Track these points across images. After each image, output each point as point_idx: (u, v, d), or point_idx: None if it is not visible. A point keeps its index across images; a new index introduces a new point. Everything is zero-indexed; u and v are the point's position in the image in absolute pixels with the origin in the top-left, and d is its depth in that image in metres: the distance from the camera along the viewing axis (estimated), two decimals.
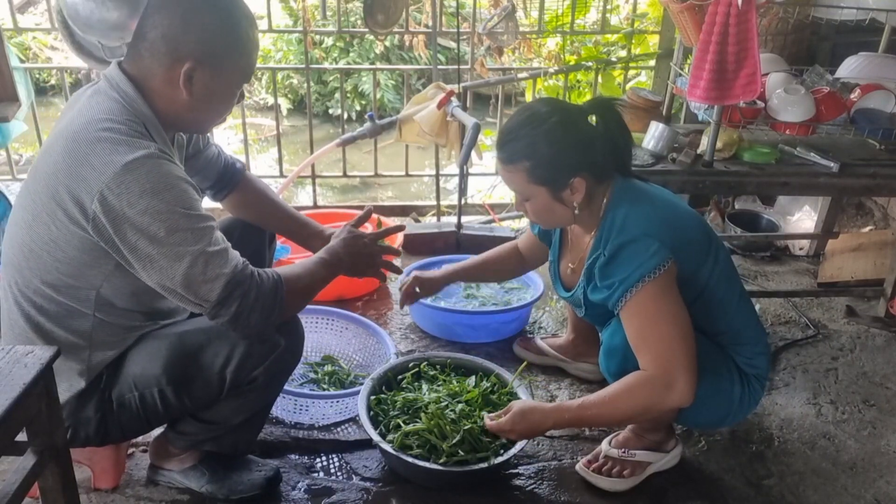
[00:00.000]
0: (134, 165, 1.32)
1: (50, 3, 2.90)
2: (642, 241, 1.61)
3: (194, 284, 1.37)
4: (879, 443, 2.08)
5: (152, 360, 1.52)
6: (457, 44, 3.46)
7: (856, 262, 2.93)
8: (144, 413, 1.55)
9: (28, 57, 6.53)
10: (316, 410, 2.01)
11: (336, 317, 2.33)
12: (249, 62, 1.49)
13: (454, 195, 3.35)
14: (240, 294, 1.40)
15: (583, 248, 1.81)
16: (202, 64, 1.41)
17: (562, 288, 1.95)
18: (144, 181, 1.32)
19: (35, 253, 1.42)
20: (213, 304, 1.39)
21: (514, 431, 1.72)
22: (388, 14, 3.00)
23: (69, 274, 1.42)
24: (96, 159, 1.33)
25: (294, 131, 6.79)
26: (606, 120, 1.67)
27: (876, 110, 2.43)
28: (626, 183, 1.72)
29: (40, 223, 1.40)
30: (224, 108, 1.53)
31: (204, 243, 1.37)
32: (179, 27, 1.38)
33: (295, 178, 3.34)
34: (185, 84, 1.41)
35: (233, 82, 1.48)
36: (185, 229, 1.35)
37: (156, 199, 1.33)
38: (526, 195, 1.70)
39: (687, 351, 1.60)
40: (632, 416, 1.73)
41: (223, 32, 1.41)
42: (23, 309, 1.48)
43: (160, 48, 1.40)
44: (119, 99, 1.41)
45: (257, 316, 1.43)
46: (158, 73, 1.41)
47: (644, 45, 3.93)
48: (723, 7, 2.01)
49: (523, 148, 1.63)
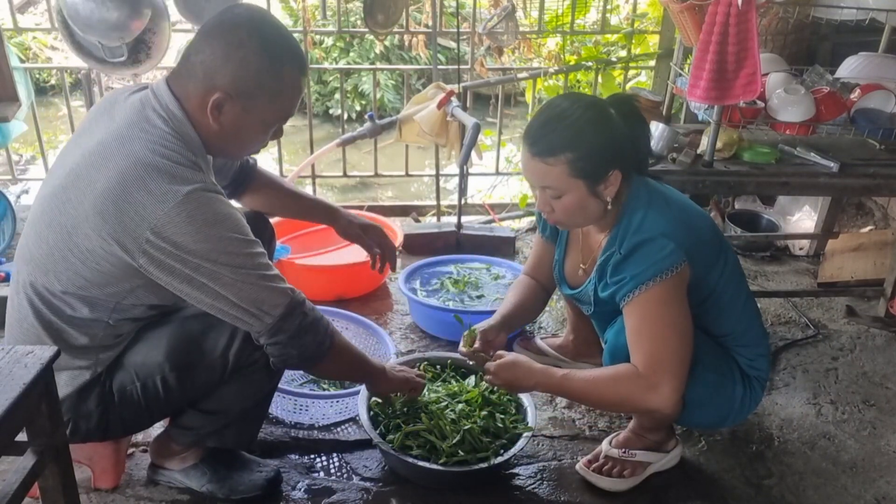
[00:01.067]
0: (191, 198, 1.34)
1: (50, 3, 2.90)
2: (659, 241, 1.60)
3: (258, 302, 1.42)
4: (879, 443, 2.08)
5: (154, 348, 1.53)
6: (457, 44, 3.46)
7: (856, 262, 2.93)
8: (146, 403, 1.55)
9: (28, 57, 6.53)
10: (316, 410, 2.01)
11: (336, 317, 2.33)
12: (286, 105, 1.49)
13: (454, 195, 3.36)
14: (300, 312, 1.47)
15: (594, 246, 1.80)
16: (233, 98, 1.41)
17: (566, 286, 1.95)
18: (201, 212, 1.35)
19: (68, 260, 1.41)
20: (276, 318, 1.43)
21: (497, 376, 1.74)
22: (388, 14, 3.00)
23: (97, 284, 1.42)
24: (155, 187, 1.34)
25: (294, 131, 6.76)
26: (627, 116, 1.65)
27: (876, 110, 2.43)
28: (642, 182, 1.71)
29: (80, 234, 1.39)
30: (255, 143, 1.53)
31: (263, 268, 1.43)
32: (220, 58, 1.38)
33: (295, 177, 3.34)
34: (212, 112, 1.41)
35: (264, 121, 1.48)
36: (245, 254, 1.40)
37: (214, 229, 1.36)
38: (562, 190, 1.63)
39: (680, 358, 1.60)
40: (609, 404, 1.77)
41: (262, 72, 1.41)
42: (35, 307, 1.47)
43: (198, 73, 1.40)
44: (168, 120, 1.41)
45: (311, 337, 1.49)
46: (193, 96, 1.42)
47: (644, 45, 3.93)
48: (723, 7, 2.01)
49: (565, 140, 1.59)
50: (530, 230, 3.37)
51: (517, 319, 2.03)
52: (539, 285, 2.08)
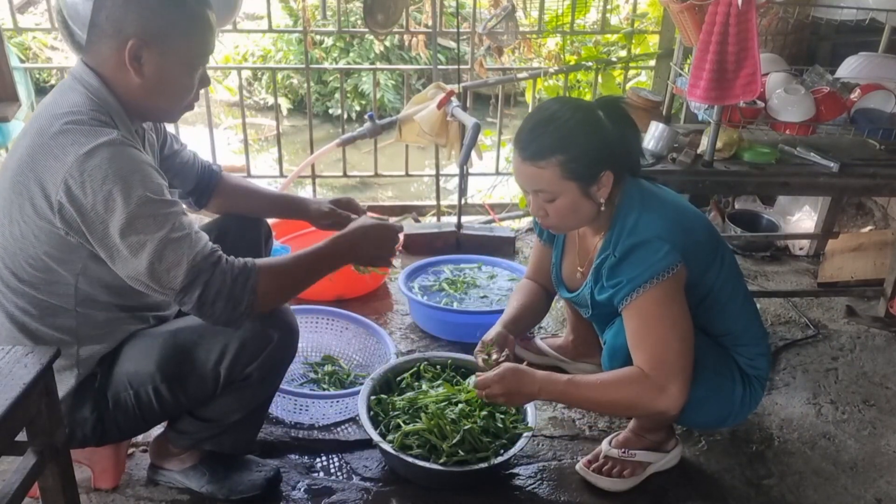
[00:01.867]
0: (96, 152, 1.32)
1: (50, 3, 2.90)
2: (654, 243, 1.60)
3: (157, 272, 1.36)
4: (879, 443, 2.08)
5: (146, 357, 1.52)
6: (457, 44, 3.46)
7: (856, 262, 2.93)
8: (140, 411, 1.54)
9: (28, 57, 6.52)
10: (316, 410, 2.01)
11: (336, 317, 2.33)
12: (202, 41, 1.47)
13: (454, 195, 3.35)
14: (202, 282, 1.37)
15: (590, 249, 1.80)
16: (147, 43, 1.40)
17: (564, 289, 1.95)
18: (107, 167, 1.32)
19: (9, 252, 1.42)
20: (176, 292, 1.38)
21: (499, 387, 1.66)
22: (388, 14, 3.00)
23: (42, 270, 1.42)
24: (59, 150, 1.33)
25: (294, 131, 6.79)
26: (615, 118, 1.66)
27: (876, 110, 2.42)
28: (636, 183, 1.71)
29: (11, 220, 1.40)
30: (183, 91, 1.50)
31: (167, 229, 1.35)
32: (121, 6, 1.38)
33: (295, 178, 3.34)
34: (131, 64, 1.40)
35: (186, 62, 1.46)
36: (147, 216, 1.34)
37: (118, 185, 1.32)
38: (555, 193, 1.63)
39: (684, 358, 1.60)
40: (616, 409, 1.74)
41: (167, 9, 1.40)
42: (6, 310, 1.48)
43: (107, 30, 1.40)
44: (83, 91, 1.41)
45: (222, 305, 1.40)
46: (109, 57, 1.42)
47: (644, 45, 3.93)
48: (723, 7, 2.01)
49: (556, 142, 1.59)
50: (530, 230, 3.36)
51: (522, 323, 2.02)
52: (542, 288, 2.08)
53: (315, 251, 1.56)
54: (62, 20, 2.58)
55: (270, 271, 1.47)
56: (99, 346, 1.53)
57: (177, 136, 1.84)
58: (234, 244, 1.66)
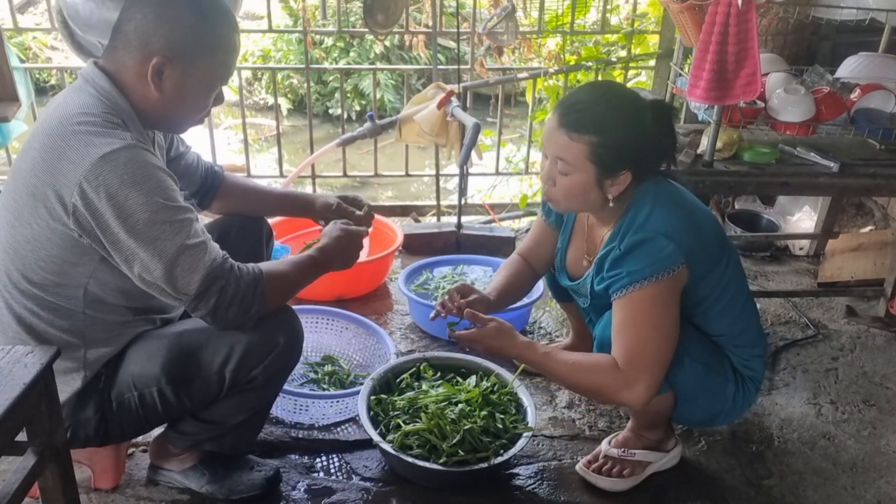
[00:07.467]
0: (112, 156, 1.32)
1: (50, 3, 2.90)
2: (659, 240, 1.60)
3: (173, 278, 1.37)
4: (879, 443, 2.08)
5: (151, 359, 1.52)
6: (457, 44, 3.46)
7: (856, 262, 2.93)
8: (144, 413, 1.55)
9: (28, 57, 6.52)
10: (316, 410, 2.01)
11: (336, 317, 2.33)
12: (224, 64, 1.48)
13: (454, 195, 3.35)
14: (218, 288, 1.40)
15: (597, 240, 1.80)
16: (172, 61, 1.40)
17: (566, 276, 1.95)
18: (122, 171, 1.32)
19: (20, 254, 1.42)
20: (191, 298, 1.40)
21: (481, 342, 1.72)
22: (388, 14, 3.00)
23: (54, 272, 1.42)
24: (73, 152, 1.33)
25: (294, 131, 6.79)
26: (660, 124, 1.65)
27: (876, 110, 2.43)
28: (653, 181, 1.71)
29: (22, 222, 1.40)
30: (197, 108, 1.51)
31: (183, 236, 1.37)
32: (152, 21, 1.38)
33: (295, 178, 3.34)
34: (153, 79, 1.41)
35: (206, 83, 1.47)
36: (163, 222, 1.35)
37: (134, 190, 1.32)
38: (573, 169, 1.62)
39: (658, 360, 1.61)
40: (581, 390, 1.80)
41: (196, 31, 1.41)
42: (14, 311, 1.47)
43: (132, 41, 1.40)
44: (95, 93, 1.41)
45: (235, 310, 1.44)
46: (130, 67, 1.41)
47: (644, 45, 3.92)
48: (723, 7, 2.01)
49: (597, 123, 1.59)
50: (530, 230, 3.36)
51: (506, 297, 2.03)
52: (529, 268, 2.08)
53: (309, 259, 1.61)
54: (62, 20, 2.58)
55: (274, 277, 1.51)
56: (106, 349, 1.53)
57: (182, 138, 1.84)
58: (236, 245, 1.66)
